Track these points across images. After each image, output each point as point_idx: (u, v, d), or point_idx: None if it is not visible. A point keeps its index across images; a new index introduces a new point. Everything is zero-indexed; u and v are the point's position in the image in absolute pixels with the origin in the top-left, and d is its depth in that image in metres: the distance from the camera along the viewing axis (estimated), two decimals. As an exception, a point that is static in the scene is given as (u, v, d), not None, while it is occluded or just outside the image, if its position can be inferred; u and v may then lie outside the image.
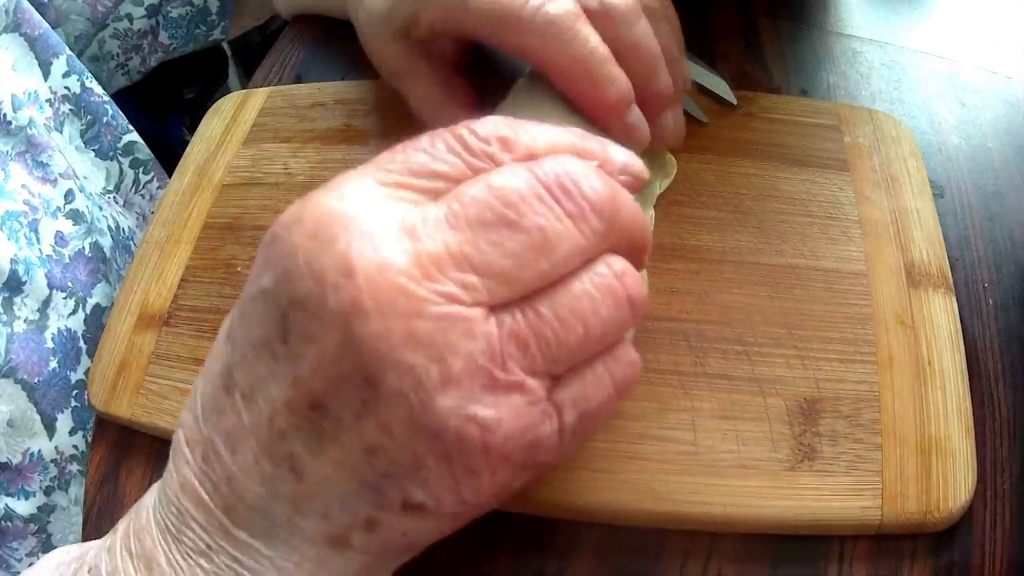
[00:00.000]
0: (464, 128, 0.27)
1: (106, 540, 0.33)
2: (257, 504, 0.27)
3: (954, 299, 0.37)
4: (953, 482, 0.33)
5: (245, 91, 0.54)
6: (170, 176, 0.53)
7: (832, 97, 0.48)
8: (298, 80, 0.55)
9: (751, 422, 0.33)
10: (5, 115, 0.68)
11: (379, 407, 0.24)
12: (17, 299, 0.63)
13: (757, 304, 0.36)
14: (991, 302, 0.40)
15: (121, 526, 0.32)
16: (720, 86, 0.46)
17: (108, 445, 0.43)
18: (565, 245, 0.25)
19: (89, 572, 0.32)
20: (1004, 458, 0.36)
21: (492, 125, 0.27)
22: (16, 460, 0.63)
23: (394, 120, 0.47)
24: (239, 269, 0.43)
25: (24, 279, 0.63)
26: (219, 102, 0.54)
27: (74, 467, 0.66)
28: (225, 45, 1.31)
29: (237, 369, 0.27)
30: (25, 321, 0.63)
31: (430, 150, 0.26)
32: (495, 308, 0.24)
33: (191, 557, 0.28)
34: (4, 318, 0.62)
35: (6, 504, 0.62)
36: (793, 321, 0.36)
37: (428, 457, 0.25)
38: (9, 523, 0.62)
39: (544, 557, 0.34)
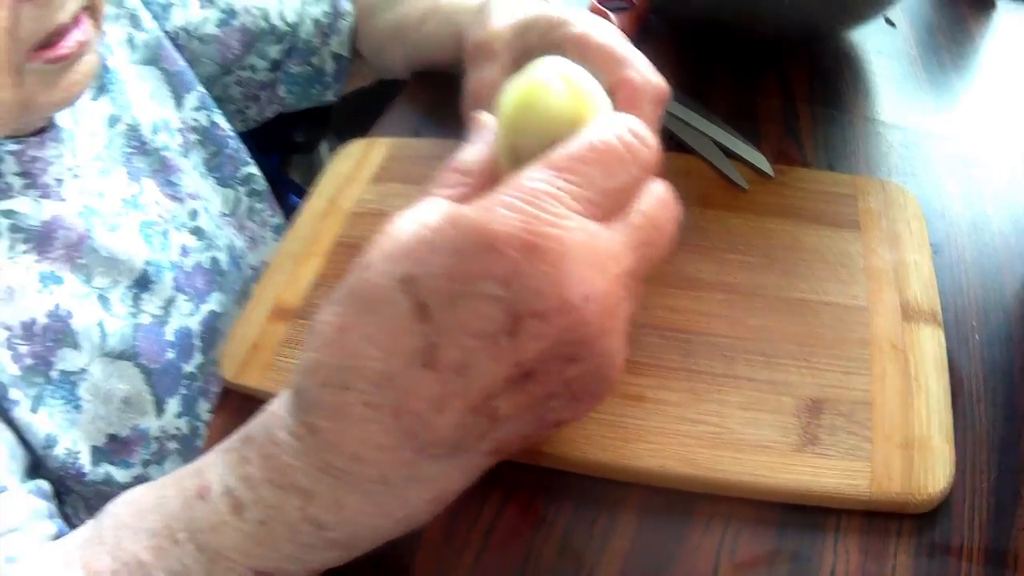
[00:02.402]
0: (636, 138, 0.35)
1: (236, 470, 0.39)
2: (448, 441, 0.34)
3: (942, 332, 0.46)
4: (932, 473, 0.41)
5: (370, 139, 0.66)
6: (281, 206, 0.64)
7: (854, 171, 0.58)
8: (415, 134, 0.67)
9: (767, 413, 0.42)
10: (143, 137, 0.76)
11: (575, 372, 0.33)
12: (145, 295, 0.71)
13: (778, 327, 0.46)
14: (977, 338, 0.49)
15: (253, 467, 0.38)
16: (760, 160, 0.56)
17: (229, 412, 0.52)
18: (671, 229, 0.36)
19: (224, 494, 0.39)
20: (983, 462, 0.44)
21: (627, 131, 0.35)
22: (124, 433, 0.70)
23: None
24: None
25: (153, 280, 0.71)
26: (348, 146, 0.66)
27: (173, 445, 0.72)
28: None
29: (444, 349, 0.33)
30: (150, 315, 0.71)
31: (596, 164, 0.34)
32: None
33: (368, 487, 0.36)
34: (132, 310, 0.70)
35: (108, 471, 0.68)
36: (805, 341, 0.45)
37: (597, 392, 0.34)
38: (107, 488, 0.68)
39: (598, 510, 0.43)
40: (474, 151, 0.39)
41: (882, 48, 0.74)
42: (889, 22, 0.79)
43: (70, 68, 0.61)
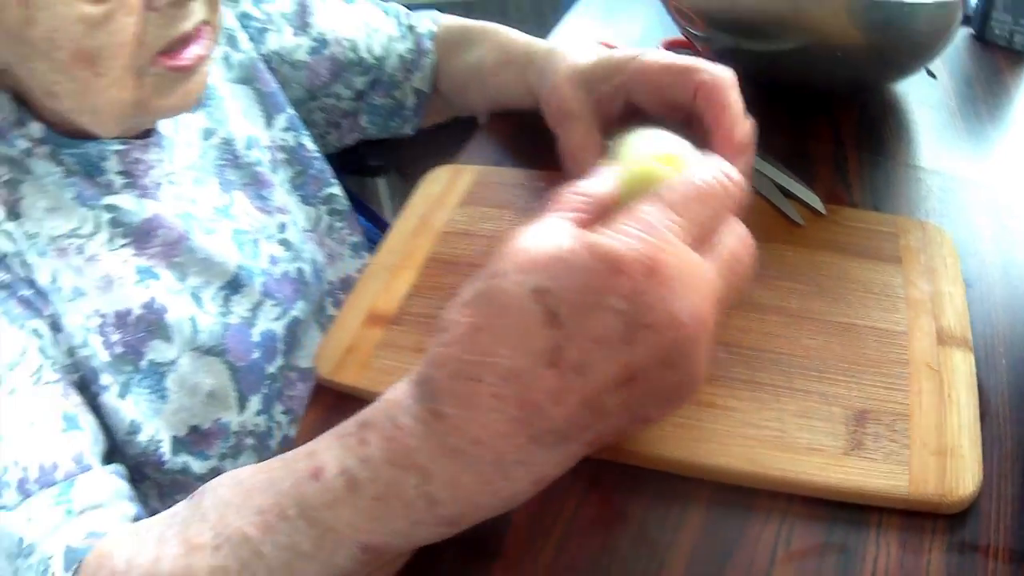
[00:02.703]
0: (711, 177, 0.42)
1: (355, 451, 0.42)
2: (559, 431, 0.39)
3: (972, 356, 0.53)
4: (962, 478, 0.47)
5: (456, 166, 0.73)
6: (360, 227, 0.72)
7: (897, 211, 0.65)
8: (496, 163, 0.74)
9: (820, 421, 0.49)
10: (237, 151, 0.79)
11: (671, 378, 0.39)
12: (235, 297, 0.74)
13: (828, 347, 0.52)
14: (1004, 362, 0.55)
15: (373, 448, 0.41)
16: (814, 200, 0.63)
17: (322, 407, 0.57)
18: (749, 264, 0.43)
19: (341, 473, 0.42)
20: (1008, 472, 0.50)
21: (719, 173, 0.42)
22: (206, 426, 0.72)
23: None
24: (463, 286, 0.60)
25: (244, 283, 0.74)
26: (435, 172, 0.73)
27: (249, 441, 0.75)
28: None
29: (568, 351, 0.38)
30: (239, 316, 0.74)
31: (697, 207, 0.40)
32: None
33: (482, 467, 0.40)
34: (222, 310, 0.73)
35: (186, 461, 0.71)
36: (853, 360, 0.52)
37: (683, 396, 0.40)
38: (182, 477, 0.71)
39: (671, 503, 0.49)
40: (597, 184, 0.45)
41: (924, 99, 0.81)
42: (930, 74, 0.85)
43: (187, 78, 0.65)
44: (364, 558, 0.43)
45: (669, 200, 0.40)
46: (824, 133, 0.74)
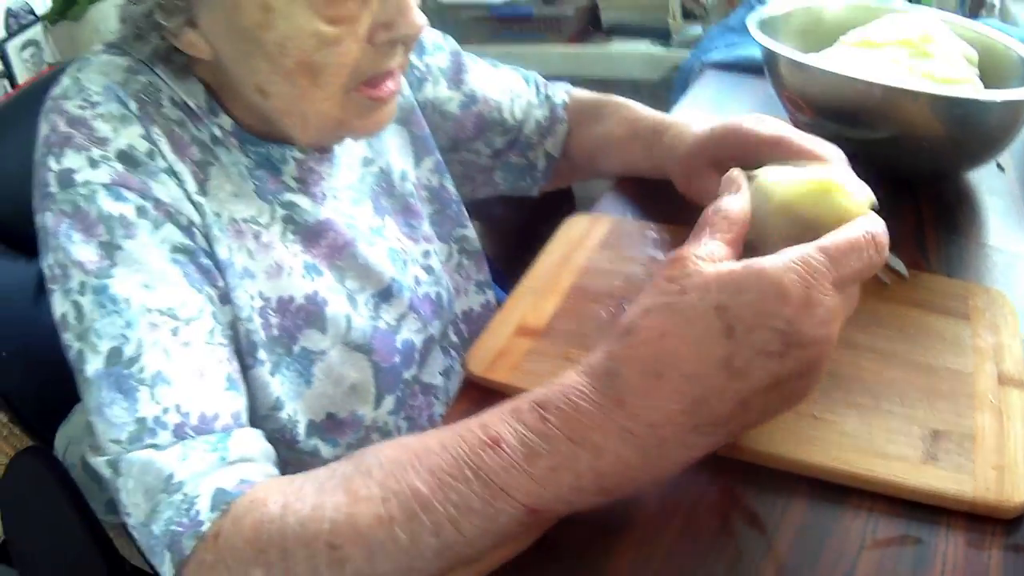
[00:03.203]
0: (862, 237, 0.51)
1: (535, 426, 0.49)
2: (716, 422, 0.49)
3: (1028, 395, 0.65)
4: (1018, 489, 0.57)
5: (594, 215, 0.86)
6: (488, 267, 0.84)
7: (966, 278, 0.77)
8: (625, 215, 0.87)
9: (902, 436, 0.61)
10: (393, 181, 0.86)
11: (799, 385, 0.49)
12: (384, 305, 0.81)
13: (908, 380, 0.65)
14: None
15: (553, 425, 0.49)
16: (899, 265, 0.76)
17: (469, 400, 0.66)
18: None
19: (520, 444, 0.49)
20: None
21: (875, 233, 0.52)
22: (343, 415, 0.78)
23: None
24: (603, 314, 0.72)
25: (394, 295, 0.82)
26: (575, 218, 0.86)
27: (375, 436, 0.80)
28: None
29: (738, 360, 0.47)
30: (386, 323, 0.81)
31: (848, 258, 0.50)
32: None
33: (648, 448, 0.48)
34: (373, 314, 0.80)
35: (317, 444, 0.76)
36: (929, 391, 0.64)
37: (801, 396, 0.50)
38: (311, 459, 0.76)
39: (778, 494, 0.58)
40: (737, 205, 0.55)
41: (992, 188, 0.94)
42: (999, 167, 0.98)
43: (380, 107, 0.71)
44: (526, 520, 0.50)
45: (831, 252, 0.50)
46: (908, 213, 0.87)
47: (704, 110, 1.11)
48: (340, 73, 0.67)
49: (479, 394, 0.66)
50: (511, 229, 1.69)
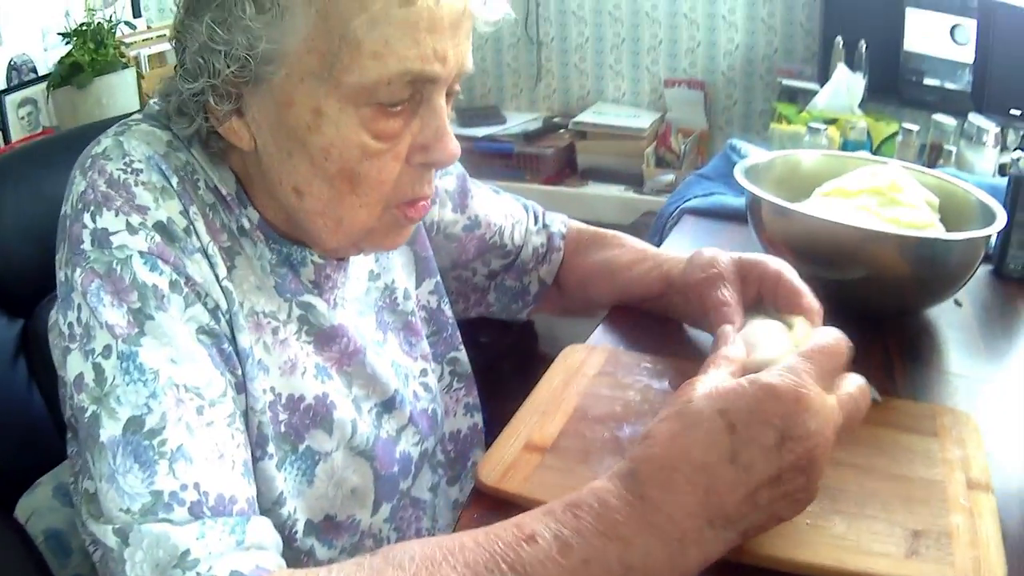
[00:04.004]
0: (834, 343, 0.63)
1: (568, 523, 0.54)
2: (728, 516, 0.56)
3: (994, 497, 0.74)
4: (994, 573, 0.66)
5: (590, 345, 0.95)
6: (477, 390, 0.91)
7: (931, 401, 0.88)
8: (618, 345, 0.97)
9: (885, 536, 0.69)
10: (396, 298, 0.89)
11: (801, 482, 0.57)
12: (387, 415, 0.84)
13: (888, 490, 0.74)
14: (1018, 501, 0.76)
15: (585, 522, 0.54)
16: (873, 392, 0.85)
17: (481, 508, 0.71)
18: (861, 417, 0.63)
19: (555, 539, 0.54)
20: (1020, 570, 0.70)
21: (838, 343, 0.63)
22: (340, 518, 0.79)
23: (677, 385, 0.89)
24: (605, 435, 0.80)
25: (397, 406, 0.84)
26: (573, 347, 0.94)
27: (368, 543, 0.82)
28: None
29: (742, 454, 0.55)
30: (387, 432, 0.83)
31: (826, 360, 0.60)
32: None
33: (670, 541, 0.55)
34: (377, 422, 0.82)
35: (313, 545, 0.77)
36: (907, 497, 0.73)
37: (805, 501, 0.58)
38: (306, 558, 0.77)
39: None
40: (734, 352, 0.66)
41: (951, 322, 1.06)
42: (957, 303, 1.10)
43: (407, 227, 0.76)
44: None
45: (809, 355, 0.61)
46: (876, 346, 0.99)
47: (686, 252, 1.18)
48: (378, 188, 0.70)
49: (489, 503, 0.72)
50: (490, 357, 1.74)
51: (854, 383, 0.63)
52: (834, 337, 0.64)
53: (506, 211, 1.05)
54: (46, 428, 0.88)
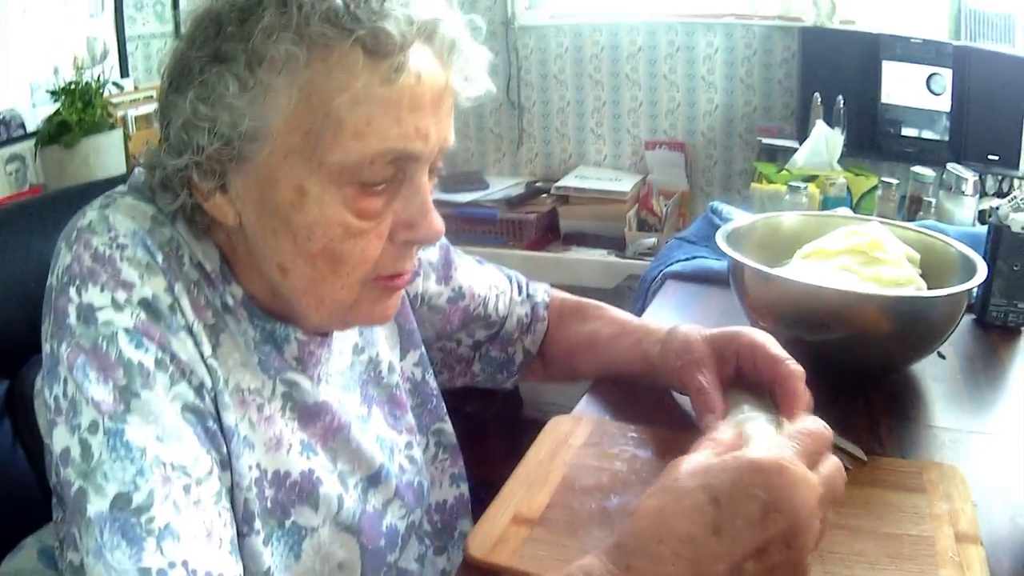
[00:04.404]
0: (816, 427, 0.64)
1: None
2: None
3: (984, 548, 0.74)
4: None
5: (576, 415, 0.96)
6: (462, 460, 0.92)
7: (918, 457, 0.88)
8: (603, 415, 0.97)
9: (877, 595, 0.70)
10: (381, 372, 0.89)
11: (787, 555, 0.56)
12: (372, 489, 0.84)
13: (878, 549, 0.74)
14: (1007, 554, 0.76)
15: None
16: (857, 451, 0.87)
17: None
18: (843, 492, 0.63)
19: None
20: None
21: (817, 428, 0.64)
22: None
23: (662, 455, 0.89)
24: (593, 505, 0.80)
25: (383, 480, 0.84)
26: (559, 418, 0.95)
27: None
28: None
29: (726, 525, 0.56)
30: (373, 506, 0.83)
31: (807, 441, 0.61)
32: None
33: None
34: (363, 497, 0.82)
35: None
36: (896, 555, 0.73)
37: (791, 571, 0.57)
38: None
39: None
40: (724, 435, 0.66)
41: (935, 375, 1.06)
42: (941, 356, 1.11)
43: (391, 296, 0.76)
44: None
45: (791, 434, 0.63)
46: (860, 405, 0.99)
47: (670, 318, 1.20)
48: (360, 267, 0.71)
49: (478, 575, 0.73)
50: (475, 426, 1.74)
51: (831, 463, 0.64)
52: (817, 423, 0.66)
53: (490, 282, 1.06)
54: (30, 488, 0.88)
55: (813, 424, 0.65)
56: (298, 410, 0.78)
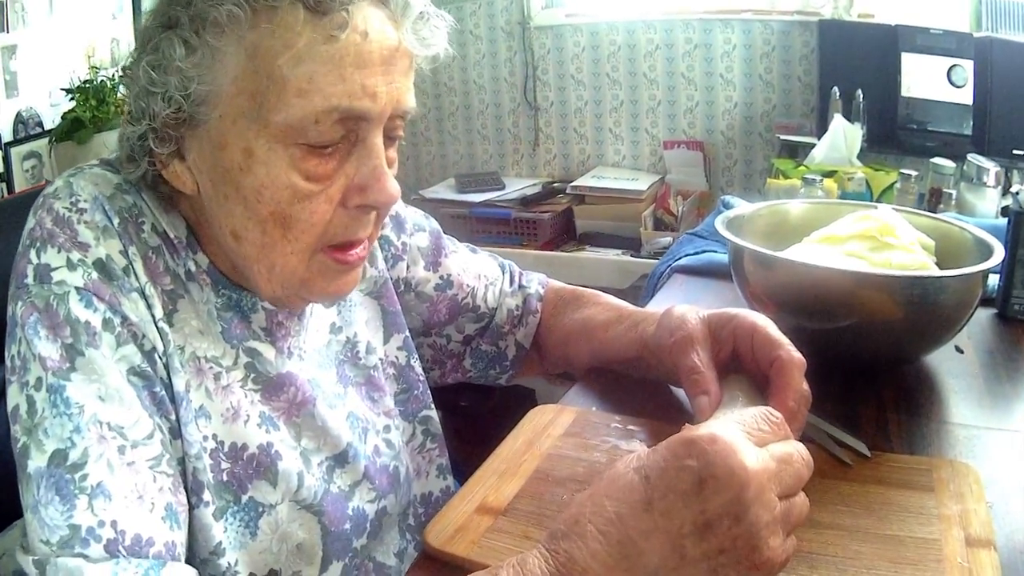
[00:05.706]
0: (770, 413, 0.60)
1: None
2: (650, 566, 0.54)
3: (997, 554, 0.67)
4: None
5: (560, 405, 0.90)
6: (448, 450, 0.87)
7: (929, 454, 0.81)
8: (590, 407, 0.92)
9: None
10: (358, 352, 0.88)
11: (738, 531, 0.53)
12: (339, 469, 0.82)
13: (878, 552, 0.67)
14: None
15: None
16: (861, 446, 0.80)
17: (427, 570, 0.70)
18: (805, 475, 0.58)
19: None
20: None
21: (777, 415, 0.60)
22: (285, 574, 0.77)
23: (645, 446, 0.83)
24: (563, 497, 0.75)
25: (350, 460, 0.82)
26: (541, 407, 0.90)
27: None
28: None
29: (657, 501, 0.54)
30: (338, 487, 0.81)
31: (760, 423, 0.59)
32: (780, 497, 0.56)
33: None
34: (327, 477, 0.80)
35: None
36: (897, 560, 0.66)
37: (754, 564, 0.54)
38: None
39: None
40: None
41: (952, 370, 0.99)
42: (959, 349, 1.03)
43: (345, 272, 0.74)
44: None
45: (739, 416, 0.60)
46: (869, 398, 0.92)
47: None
48: (309, 231, 0.70)
49: (434, 567, 0.70)
50: (470, 421, 1.71)
51: (788, 443, 0.60)
52: (768, 413, 0.62)
53: (480, 271, 1.04)
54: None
55: (777, 417, 0.62)
56: (261, 382, 0.77)
